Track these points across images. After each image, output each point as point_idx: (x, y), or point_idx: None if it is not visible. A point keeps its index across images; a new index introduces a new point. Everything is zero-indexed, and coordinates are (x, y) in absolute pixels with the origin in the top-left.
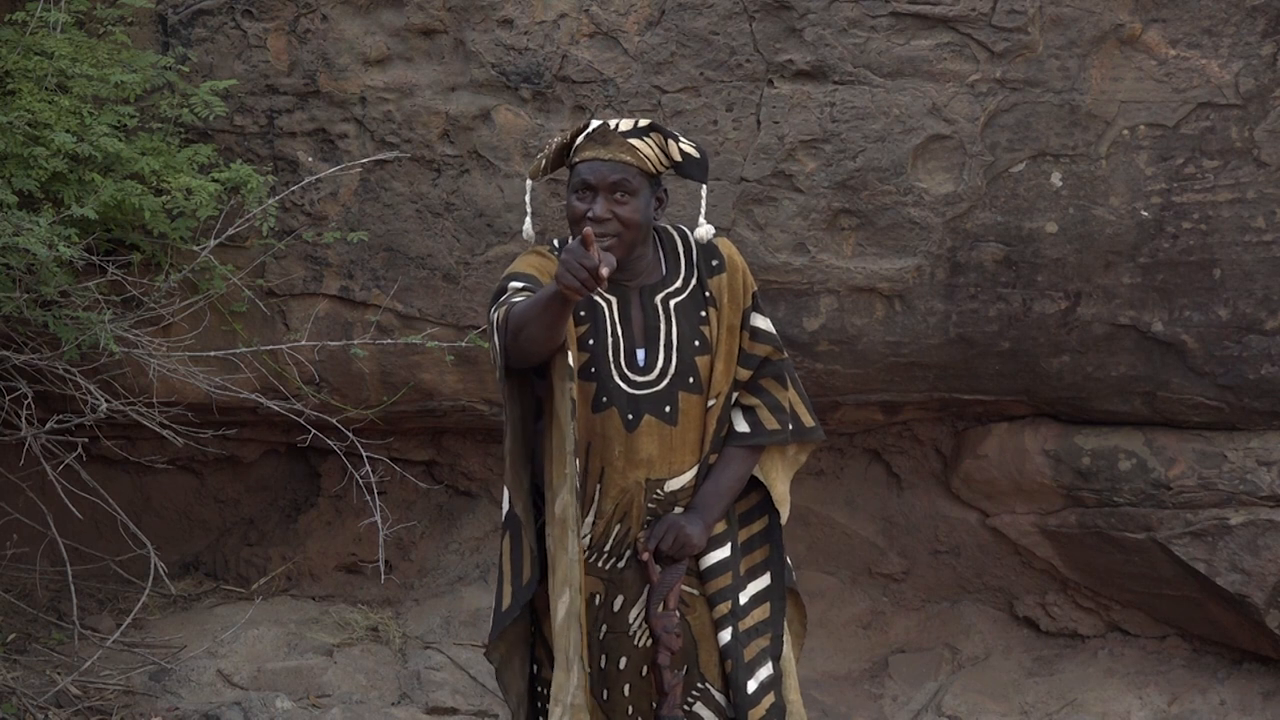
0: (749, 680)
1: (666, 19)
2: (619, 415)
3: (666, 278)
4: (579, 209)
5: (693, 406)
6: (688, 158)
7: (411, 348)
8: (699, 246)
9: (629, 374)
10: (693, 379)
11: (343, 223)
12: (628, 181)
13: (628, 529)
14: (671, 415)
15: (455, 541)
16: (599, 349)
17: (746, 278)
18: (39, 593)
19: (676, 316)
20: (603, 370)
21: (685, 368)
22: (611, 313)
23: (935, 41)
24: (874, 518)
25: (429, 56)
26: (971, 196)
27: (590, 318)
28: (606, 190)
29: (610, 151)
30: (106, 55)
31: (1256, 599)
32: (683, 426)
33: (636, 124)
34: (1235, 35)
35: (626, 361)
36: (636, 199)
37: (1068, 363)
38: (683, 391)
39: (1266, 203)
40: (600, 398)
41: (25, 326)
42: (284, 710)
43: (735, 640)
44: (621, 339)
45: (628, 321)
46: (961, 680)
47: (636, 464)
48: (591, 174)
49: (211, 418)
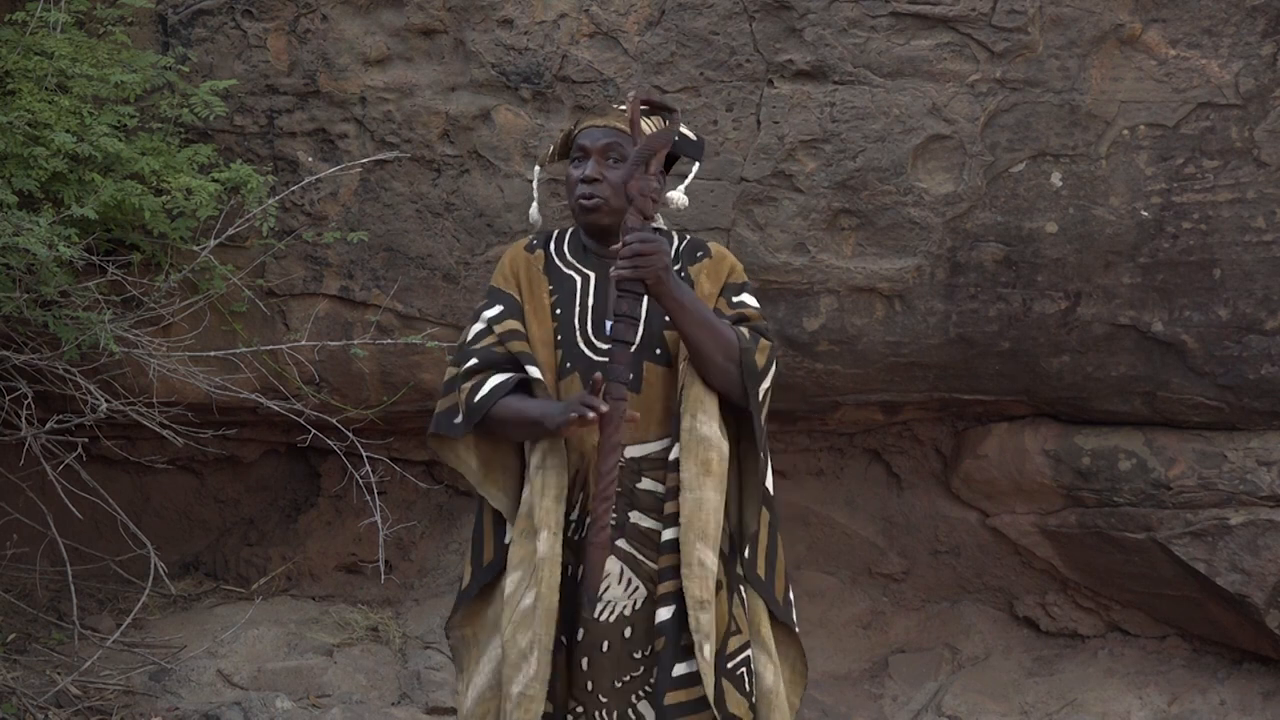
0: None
1: (666, 19)
2: (580, 381)
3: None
4: (573, 175)
5: (658, 378)
6: (683, 137)
7: (411, 348)
8: (689, 243)
9: (595, 341)
10: (659, 350)
11: (343, 223)
12: (620, 146)
13: (588, 495)
14: (634, 383)
15: (455, 541)
16: (566, 317)
17: (735, 267)
18: (39, 593)
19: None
20: (568, 338)
21: (652, 339)
22: (587, 285)
23: (935, 41)
24: (874, 518)
25: (429, 56)
26: (971, 196)
27: (560, 290)
28: (599, 153)
29: (606, 120)
30: (106, 55)
31: (1256, 599)
32: (646, 395)
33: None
34: (1235, 35)
35: (595, 330)
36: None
37: (1068, 363)
38: (648, 361)
39: (1266, 203)
40: (565, 364)
41: (25, 326)
42: (284, 710)
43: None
44: (591, 310)
45: (602, 296)
46: (961, 680)
47: (594, 430)
48: (586, 139)
49: (211, 418)
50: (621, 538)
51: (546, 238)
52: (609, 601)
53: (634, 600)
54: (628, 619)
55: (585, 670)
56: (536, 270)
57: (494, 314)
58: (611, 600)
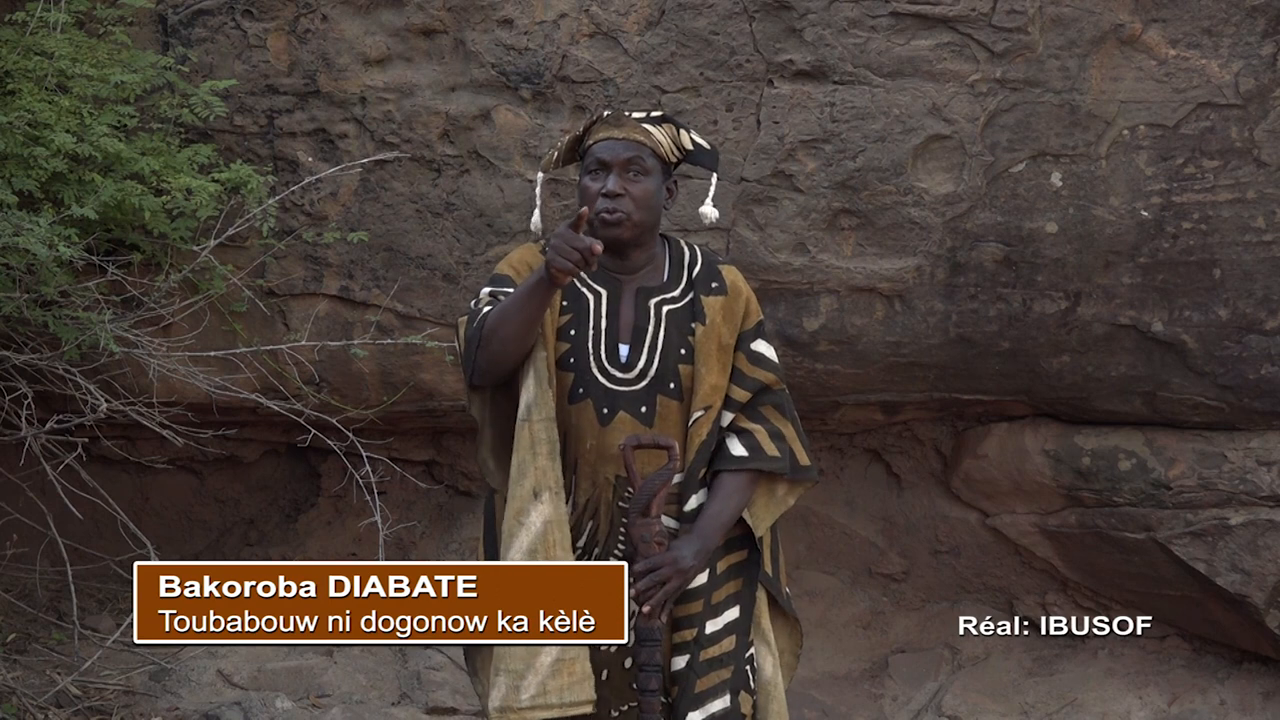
0: (693, 711)
1: (666, 19)
2: (594, 408)
3: (666, 284)
4: (592, 188)
5: (672, 412)
6: (698, 147)
7: (411, 348)
8: (703, 265)
9: (609, 368)
10: (673, 385)
11: (343, 223)
12: (641, 160)
13: (598, 525)
14: (648, 416)
15: (455, 541)
16: (579, 340)
17: (750, 304)
18: (39, 593)
19: (666, 322)
20: (581, 362)
21: (666, 372)
22: (599, 305)
23: (935, 41)
24: (874, 518)
25: (429, 56)
26: (971, 196)
27: (574, 308)
28: (620, 167)
29: (624, 131)
30: (106, 55)
31: (1256, 599)
32: (659, 429)
33: (649, 112)
34: (1235, 35)
35: (608, 356)
36: (649, 179)
37: (1068, 363)
38: (661, 395)
39: (1266, 203)
40: (577, 389)
41: (25, 326)
42: (284, 710)
43: (690, 669)
44: (604, 333)
45: (614, 316)
46: (961, 680)
47: (607, 459)
48: (606, 152)
49: (211, 418)
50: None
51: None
52: None
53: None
54: (628, 650)
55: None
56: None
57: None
58: None
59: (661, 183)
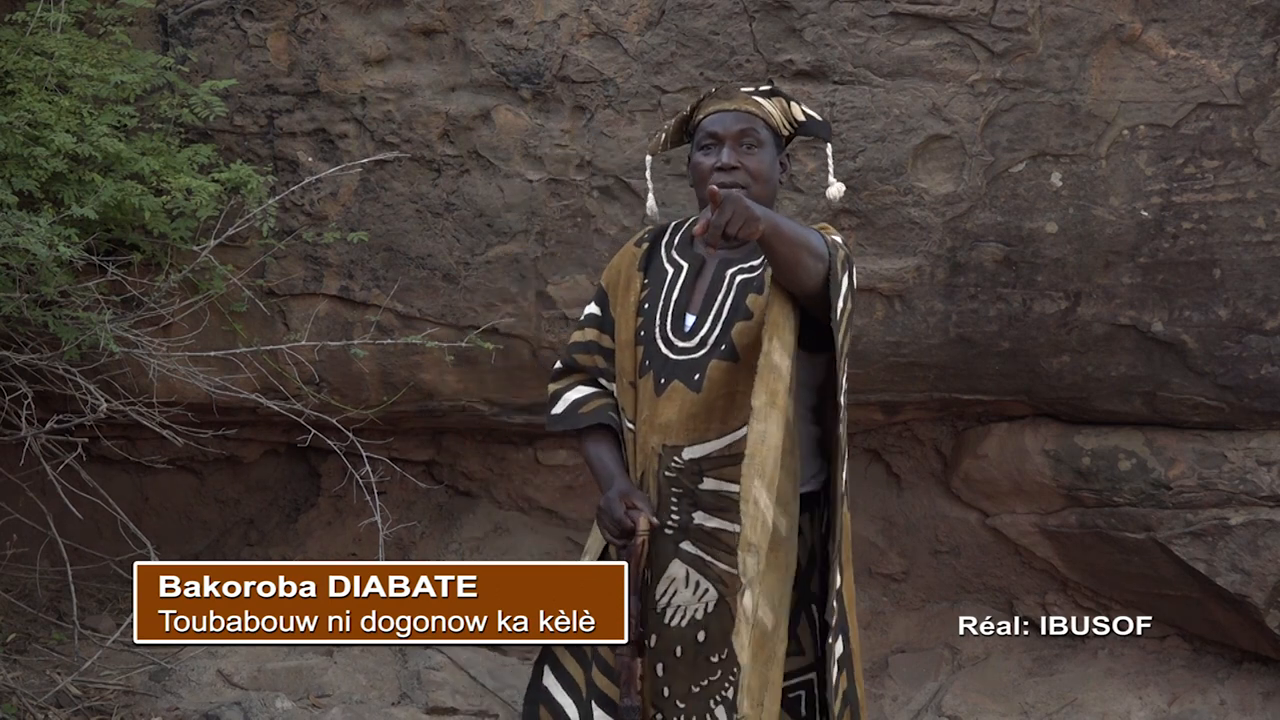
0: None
1: (666, 19)
2: (653, 379)
3: (750, 254)
4: (705, 164)
5: (723, 373)
6: (810, 118)
7: (411, 348)
8: None
9: (672, 338)
10: (724, 346)
11: (343, 223)
12: (755, 132)
13: (647, 495)
14: (698, 383)
15: (455, 541)
16: (650, 314)
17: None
18: (39, 593)
19: (736, 290)
20: (649, 334)
21: (724, 337)
22: (675, 278)
23: (935, 41)
24: (874, 518)
25: (429, 56)
26: (971, 196)
27: (653, 281)
28: (733, 139)
29: (735, 103)
30: (106, 55)
31: (1256, 599)
32: (708, 394)
33: (759, 86)
34: (1235, 35)
35: (674, 326)
36: (764, 151)
37: (1068, 363)
38: (715, 360)
39: (1266, 203)
40: (644, 361)
41: (25, 326)
42: (284, 710)
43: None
44: (674, 303)
45: (688, 289)
46: (961, 680)
47: (655, 428)
48: (717, 125)
49: (211, 418)
50: (686, 540)
51: (662, 229)
52: (678, 606)
53: (705, 603)
54: (700, 623)
55: (661, 676)
56: (633, 266)
57: (585, 316)
58: (680, 605)
59: (776, 156)
